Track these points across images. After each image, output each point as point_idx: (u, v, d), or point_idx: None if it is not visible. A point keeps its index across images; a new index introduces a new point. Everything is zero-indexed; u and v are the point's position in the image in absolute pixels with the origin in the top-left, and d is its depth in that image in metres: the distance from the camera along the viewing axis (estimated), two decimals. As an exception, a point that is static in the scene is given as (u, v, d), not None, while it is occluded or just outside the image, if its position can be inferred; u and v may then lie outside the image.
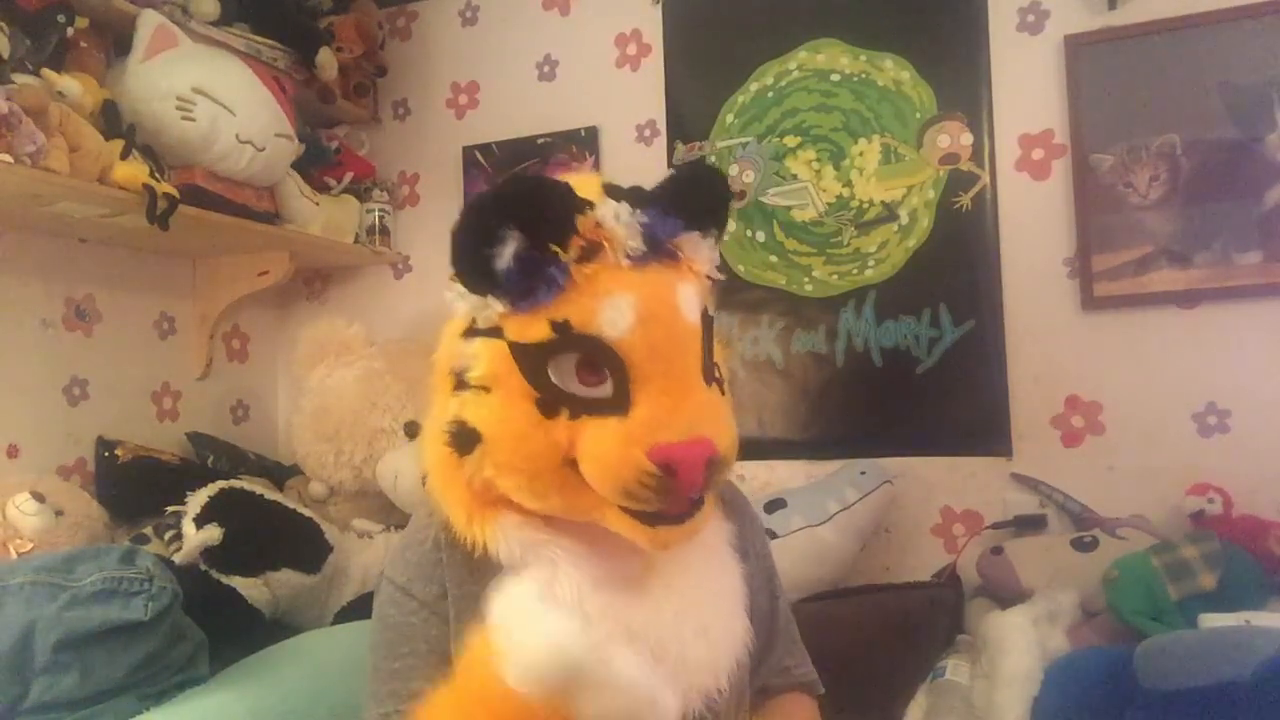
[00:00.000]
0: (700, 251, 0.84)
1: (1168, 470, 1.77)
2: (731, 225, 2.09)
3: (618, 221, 0.79)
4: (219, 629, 1.37)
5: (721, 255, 0.90)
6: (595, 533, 0.83)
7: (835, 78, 2.06)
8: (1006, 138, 1.93)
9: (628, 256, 0.79)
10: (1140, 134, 1.82)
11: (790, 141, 2.08)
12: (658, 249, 0.80)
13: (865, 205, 2.02)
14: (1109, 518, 1.74)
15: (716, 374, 0.85)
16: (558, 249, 0.77)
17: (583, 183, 0.81)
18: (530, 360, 0.78)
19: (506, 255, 0.76)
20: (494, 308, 0.80)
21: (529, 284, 0.77)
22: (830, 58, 2.06)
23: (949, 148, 1.96)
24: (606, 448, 0.76)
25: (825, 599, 1.74)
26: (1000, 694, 1.36)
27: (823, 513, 1.78)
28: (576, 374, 0.78)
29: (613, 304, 0.77)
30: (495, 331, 0.80)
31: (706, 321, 0.84)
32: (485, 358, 0.80)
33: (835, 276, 2.04)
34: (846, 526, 1.79)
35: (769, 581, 1.03)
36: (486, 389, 0.80)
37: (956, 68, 1.97)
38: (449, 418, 0.82)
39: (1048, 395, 1.89)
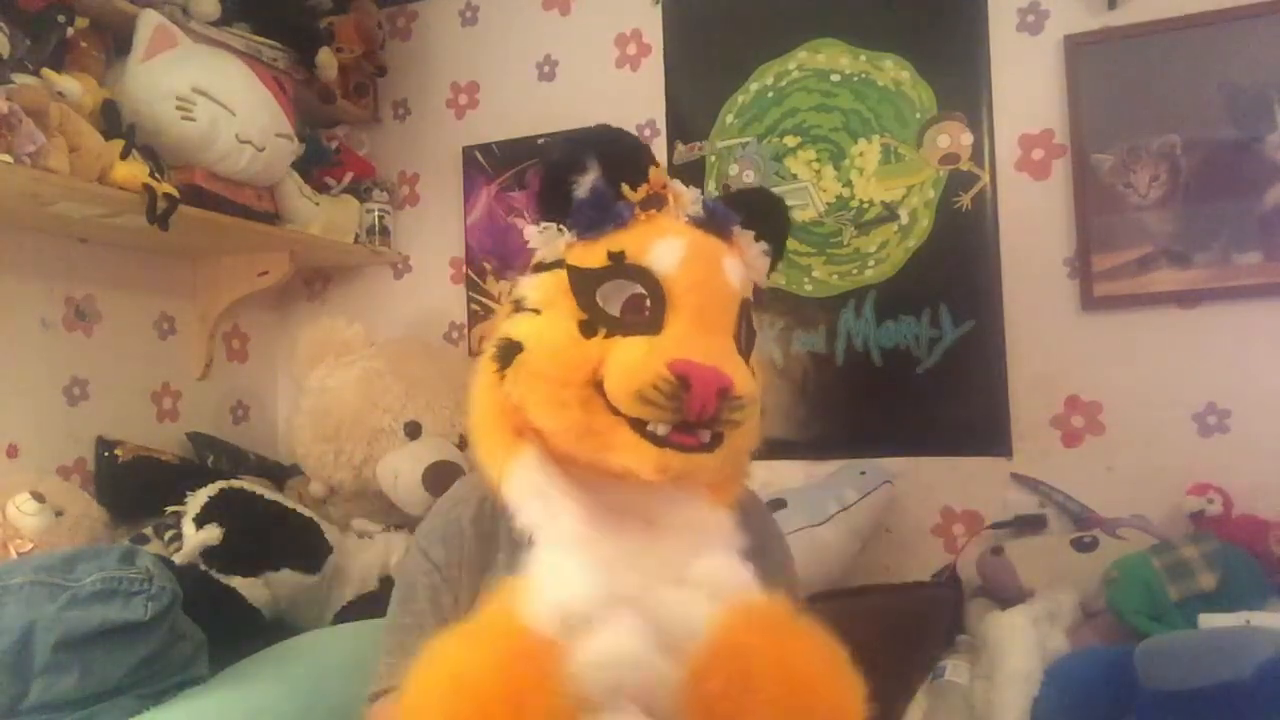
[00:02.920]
0: (751, 247, 0.95)
1: (1168, 470, 1.77)
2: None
3: (683, 187, 0.93)
4: (219, 629, 1.36)
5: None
6: (607, 501, 0.88)
7: (835, 78, 2.05)
8: (1006, 138, 1.93)
9: (687, 215, 0.92)
10: (1140, 134, 1.82)
11: (790, 141, 2.08)
12: (714, 220, 0.93)
13: (865, 205, 2.02)
14: (1109, 518, 1.74)
15: (750, 361, 0.93)
16: (629, 191, 0.89)
17: None
18: (583, 283, 0.89)
19: (586, 184, 0.89)
20: (564, 237, 0.91)
21: (598, 215, 0.89)
22: (830, 58, 2.06)
23: (949, 148, 1.96)
24: (631, 355, 0.85)
25: (825, 599, 1.73)
26: (1000, 694, 1.36)
27: (822, 513, 1.77)
28: (621, 305, 0.88)
29: (666, 243, 0.88)
30: (558, 263, 0.92)
31: (745, 305, 0.94)
32: (543, 284, 0.92)
33: (835, 276, 2.04)
34: (846, 527, 1.78)
35: (790, 590, 1.04)
36: (538, 310, 0.91)
37: (956, 68, 1.97)
38: (498, 336, 0.92)
39: (1048, 395, 1.89)
